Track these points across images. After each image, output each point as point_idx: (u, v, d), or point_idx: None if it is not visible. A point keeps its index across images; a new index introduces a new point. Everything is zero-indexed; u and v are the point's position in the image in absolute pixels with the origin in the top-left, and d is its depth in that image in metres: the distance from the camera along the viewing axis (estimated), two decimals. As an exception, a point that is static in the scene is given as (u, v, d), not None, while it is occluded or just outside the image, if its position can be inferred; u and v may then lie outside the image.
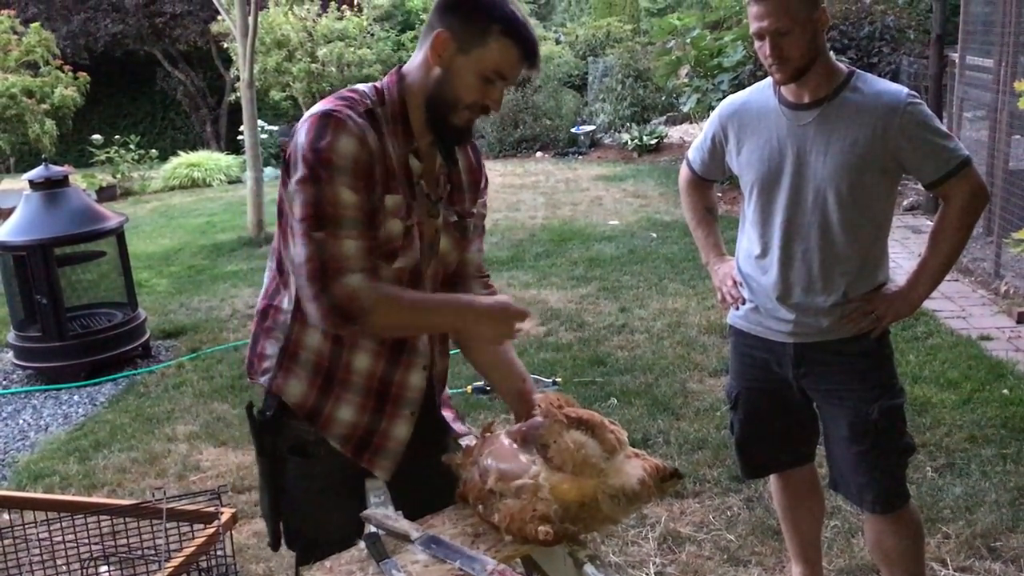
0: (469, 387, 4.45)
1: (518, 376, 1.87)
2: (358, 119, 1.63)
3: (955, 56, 7.20)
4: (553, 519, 1.45)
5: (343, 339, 1.75)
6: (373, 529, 1.53)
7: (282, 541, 1.90)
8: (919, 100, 2.19)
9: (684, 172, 2.63)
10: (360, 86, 1.75)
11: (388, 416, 1.80)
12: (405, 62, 1.76)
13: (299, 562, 1.87)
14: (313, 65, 14.12)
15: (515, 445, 1.60)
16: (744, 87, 2.52)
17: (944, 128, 2.26)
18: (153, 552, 2.27)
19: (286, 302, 1.77)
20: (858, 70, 2.25)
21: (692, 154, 2.57)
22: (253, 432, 1.84)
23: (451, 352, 1.99)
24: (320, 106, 1.66)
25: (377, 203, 1.66)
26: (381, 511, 1.58)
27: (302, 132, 1.63)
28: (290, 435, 1.81)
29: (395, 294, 1.70)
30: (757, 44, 2.17)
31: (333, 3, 14.78)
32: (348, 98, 1.69)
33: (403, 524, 1.55)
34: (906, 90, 2.20)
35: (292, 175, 1.63)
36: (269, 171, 12.13)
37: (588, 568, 1.42)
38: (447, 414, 1.97)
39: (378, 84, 1.76)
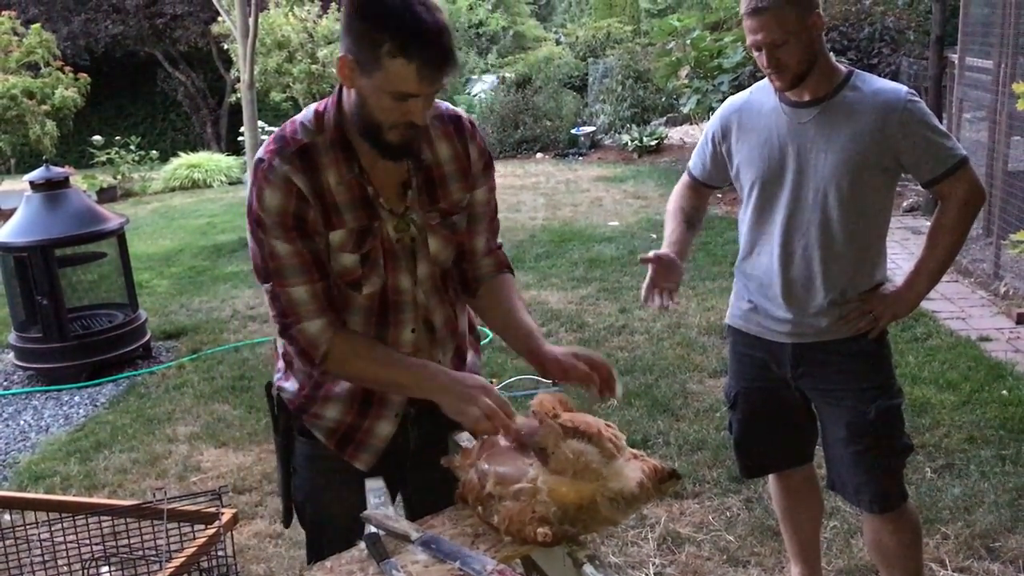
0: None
1: (525, 334, 1.82)
2: (283, 165, 1.64)
3: (955, 57, 7.20)
4: (552, 521, 1.45)
5: None
6: (373, 529, 1.53)
7: (293, 518, 1.98)
8: (918, 98, 2.20)
9: (682, 178, 2.62)
10: (300, 115, 1.73)
11: (373, 417, 1.84)
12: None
13: (308, 543, 1.99)
14: (314, 66, 14.08)
15: (513, 447, 1.60)
16: (744, 88, 2.53)
17: (942, 127, 2.27)
18: (154, 553, 2.28)
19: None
20: (857, 70, 2.26)
21: (692, 159, 2.57)
22: (270, 411, 1.94)
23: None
24: (258, 152, 1.70)
25: (320, 244, 1.68)
26: (381, 511, 1.59)
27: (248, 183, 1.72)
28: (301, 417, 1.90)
29: (356, 344, 1.74)
30: (755, 54, 2.18)
31: (334, 4, 14.78)
32: (280, 138, 1.69)
33: (403, 524, 1.56)
34: (905, 88, 2.21)
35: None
36: (269, 172, 12.15)
37: (587, 568, 1.42)
38: (470, 357, 1.97)
39: (320, 107, 1.71)
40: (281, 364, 1.91)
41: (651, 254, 2.39)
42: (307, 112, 1.72)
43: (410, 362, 1.74)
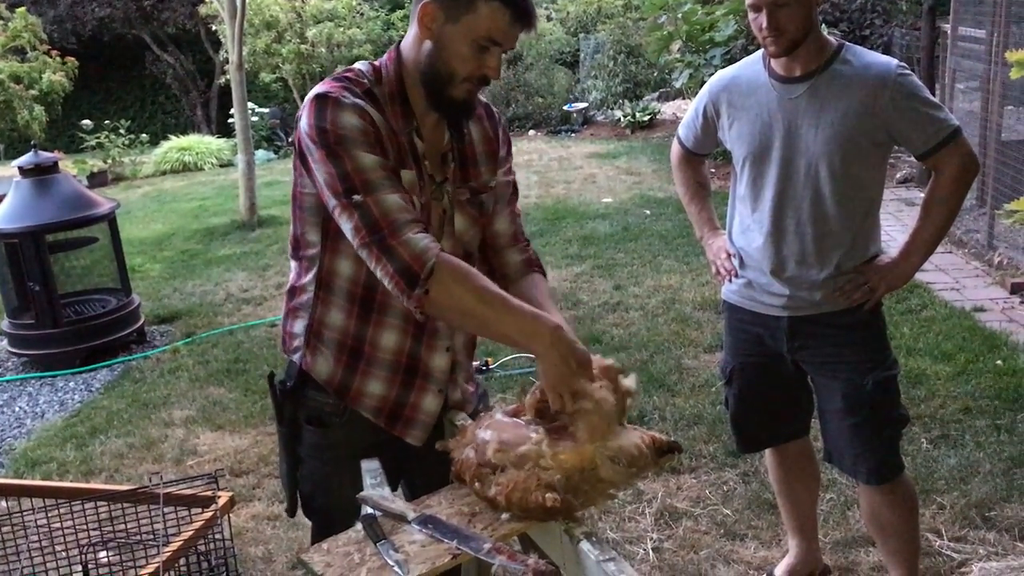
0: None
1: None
2: (354, 98, 1.61)
3: (947, 27, 7.17)
4: (558, 488, 1.45)
5: (369, 317, 1.75)
6: (370, 510, 1.53)
7: (298, 508, 1.92)
8: (908, 71, 2.19)
9: (675, 149, 2.62)
10: (358, 65, 1.72)
11: (418, 389, 1.81)
12: (401, 39, 1.72)
13: (314, 532, 1.92)
14: (303, 46, 14.02)
15: (510, 419, 1.60)
16: (735, 61, 2.52)
17: (934, 99, 2.26)
18: (151, 537, 2.28)
19: (308, 282, 1.78)
20: (847, 43, 2.25)
21: (682, 131, 2.57)
22: (274, 401, 1.86)
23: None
24: (316, 89, 1.64)
25: (397, 171, 1.63)
26: (377, 492, 1.58)
27: (303, 117, 1.62)
28: (309, 405, 1.83)
29: (461, 268, 1.57)
30: (752, 16, 2.16)
31: (322, -16, 14.68)
32: (344, 79, 1.66)
33: (399, 504, 1.56)
34: (895, 61, 2.20)
35: (309, 159, 1.62)
36: (260, 154, 12.11)
37: (584, 544, 1.42)
38: (467, 387, 1.94)
39: (376, 63, 1.72)
40: (299, 341, 1.81)
41: (722, 265, 2.48)
42: (362, 65, 1.71)
43: (515, 305, 1.57)
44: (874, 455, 2.33)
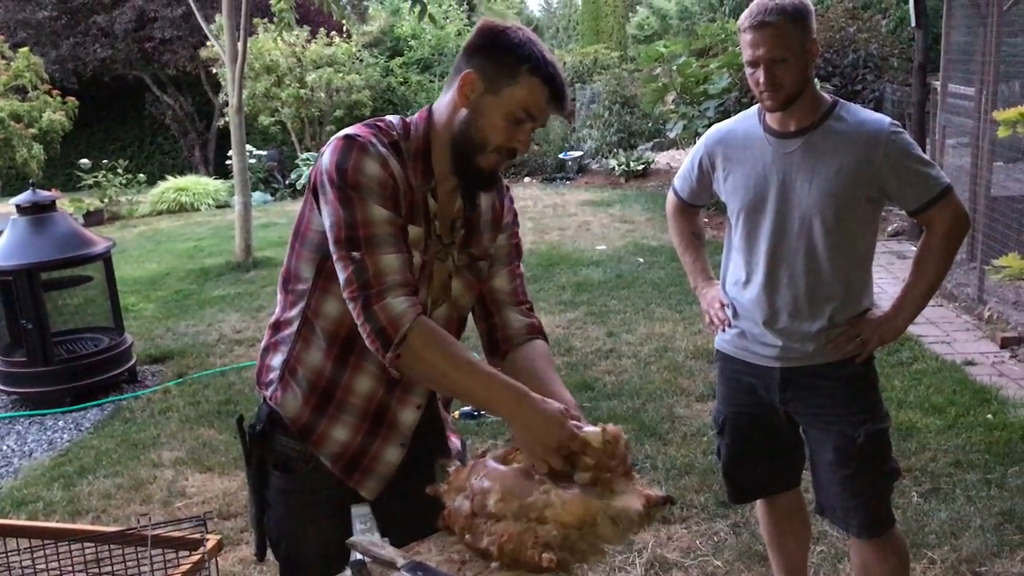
0: (456, 412, 4.44)
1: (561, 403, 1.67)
2: (381, 148, 1.64)
3: (937, 84, 7.29)
4: (554, 547, 1.44)
5: (347, 359, 1.75)
6: (359, 556, 1.52)
7: (267, 552, 1.91)
8: (901, 129, 2.23)
9: (671, 199, 2.66)
10: (389, 117, 1.76)
11: (382, 439, 1.80)
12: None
13: (282, 575, 1.90)
14: (302, 90, 14.17)
15: (503, 466, 1.59)
16: (730, 114, 2.56)
17: (926, 156, 2.30)
18: (138, 579, 2.25)
19: (293, 316, 1.79)
20: (841, 100, 2.30)
21: (678, 182, 2.60)
22: (242, 444, 1.86)
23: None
24: (346, 130, 1.68)
25: (405, 227, 1.66)
26: (367, 538, 1.57)
27: (327, 154, 1.64)
28: (276, 450, 1.83)
29: (436, 333, 1.62)
30: (749, 71, 2.20)
31: (322, 29, 14.87)
32: (374, 127, 1.70)
33: (389, 551, 1.54)
34: (888, 119, 2.24)
35: (321, 196, 1.64)
36: (257, 196, 12.16)
37: (574, 594, 1.41)
38: (453, 439, 1.94)
39: (408, 119, 1.75)
40: (275, 376, 1.82)
41: (716, 315, 2.50)
42: (393, 118, 1.75)
43: (487, 371, 1.64)
44: (865, 508, 2.32)
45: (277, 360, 1.82)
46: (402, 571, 1.49)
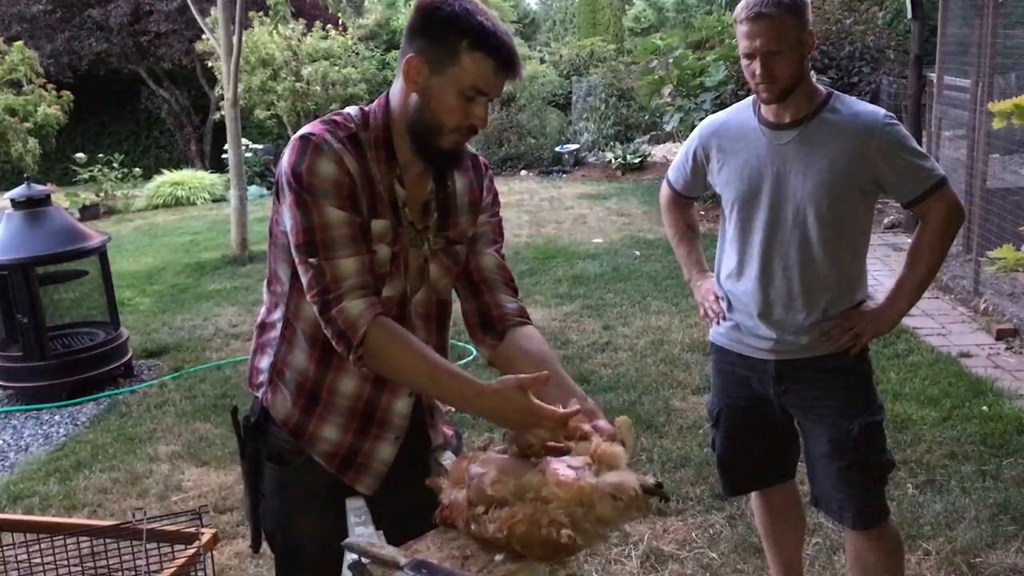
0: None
1: (565, 392, 1.67)
2: (335, 143, 1.63)
3: (933, 76, 7.29)
4: (566, 524, 1.43)
5: (330, 360, 1.75)
6: (358, 557, 1.50)
7: (263, 543, 1.92)
8: (895, 121, 2.23)
9: (665, 191, 2.65)
10: (348, 109, 1.74)
11: (373, 438, 1.80)
12: (391, 83, 1.74)
13: (277, 568, 1.91)
14: (298, 84, 14.14)
15: (502, 455, 1.59)
16: (726, 107, 2.56)
17: (920, 148, 2.30)
18: (134, 573, 2.26)
19: (277, 319, 1.79)
20: (836, 92, 2.29)
21: (672, 174, 2.60)
22: (237, 436, 1.87)
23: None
24: (303, 129, 1.67)
25: (366, 225, 1.65)
26: (364, 538, 1.55)
27: (285, 156, 1.64)
28: (270, 442, 1.84)
29: (394, 331, 1.63)
30: (745, 63, 2.20)
31: (318, 23, 14.82)
32: (331, 122, 1.69)
33: (389, 550, 1.51)
34: (883, 111, 2.24)
35: (282, 199, 1.65)
36: (253, 190, 12.14)
37: (570, 586, 1.41)
38: (447, 431, 1.94)
39: (366, 108, 1.74)
40: (264, 377, 1.83)
41: (710, 307, 2.50)
42: (352, 109, 1.74)
43: (446, 367, 1.64)
44: (860, 500, 2.33)
45: (265, 363, 1.83)
46: (405, 570, 1.46)
